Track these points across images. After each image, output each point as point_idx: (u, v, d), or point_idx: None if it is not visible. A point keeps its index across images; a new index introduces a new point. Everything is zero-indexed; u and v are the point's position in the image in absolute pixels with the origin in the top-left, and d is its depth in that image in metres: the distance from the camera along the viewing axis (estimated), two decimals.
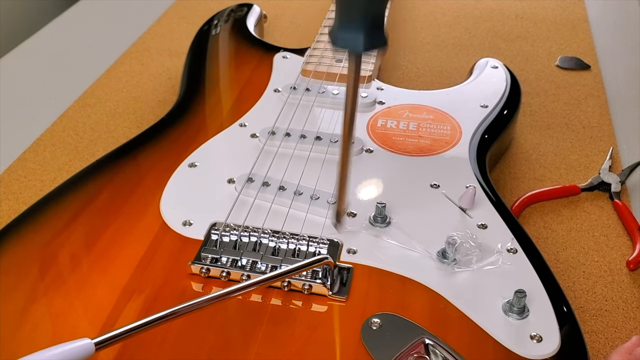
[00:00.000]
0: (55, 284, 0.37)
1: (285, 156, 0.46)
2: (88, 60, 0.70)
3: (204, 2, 0.82)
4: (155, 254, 0.39)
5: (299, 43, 0.66)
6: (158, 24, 0.78)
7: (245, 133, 0.49)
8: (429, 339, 0.33)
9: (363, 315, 0.35)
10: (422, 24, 0.78)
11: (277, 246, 0.39)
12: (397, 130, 0.49)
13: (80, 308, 0.35)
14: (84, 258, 0.38)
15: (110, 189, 0.44)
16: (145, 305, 0.35)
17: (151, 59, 0.70)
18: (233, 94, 0.55)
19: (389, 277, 0.37)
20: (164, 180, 0.44)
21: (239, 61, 0.60)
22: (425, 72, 0.68)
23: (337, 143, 0.47)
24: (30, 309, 0.35)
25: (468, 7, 0.81)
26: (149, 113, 0.60)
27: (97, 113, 0.60)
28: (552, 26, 0.76)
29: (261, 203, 0.42)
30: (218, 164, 0.46)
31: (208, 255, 0.38)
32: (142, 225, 0.41)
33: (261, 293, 0.36)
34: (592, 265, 0.45)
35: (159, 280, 0.37)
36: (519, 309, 0.35)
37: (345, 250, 0.39)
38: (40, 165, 0.54)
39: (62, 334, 0.34)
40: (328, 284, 0.36)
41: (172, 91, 0.63)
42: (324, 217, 0.41)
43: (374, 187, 0.44)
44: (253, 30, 0.65)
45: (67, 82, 0.66)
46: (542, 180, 0.52)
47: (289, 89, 0.54)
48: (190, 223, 0.41)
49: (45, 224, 0.41)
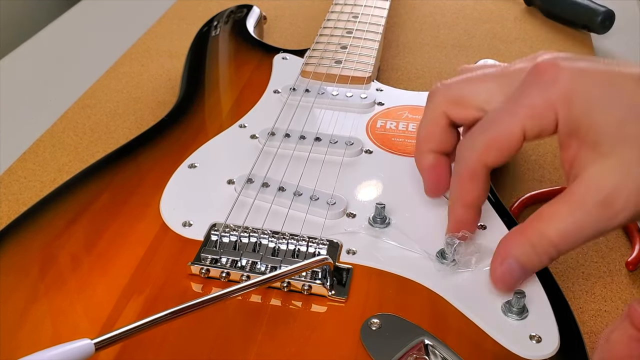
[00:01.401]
0: (55, 284, 0.37)
1: (285, 157, 0.46)
2: (88, 62, 0.70)
3: (204, 3, 0.82)
4: (155, 254, 0.39)
5: (298, 44, 0.66)
6: (158, 25, 0.78)
7: (245, 134, 0.49)
8: (428, 340, 0.33)
9: (362, 316, 0.35)
10: (421, 25, 0.78)
11: (276, 247, 0.39)
12: (397, 131, 0.49)
13: (80, 308, 0.35)
14: (84, 258, 0.38)
15: (110, 189, 0.44)
16: (145, 306, 0.35)
17: (151, 60, 0.70)
18: (233, 95, 0.55)
19: (389, 277, 0.37)
20: (164, 181, 0.44)
21: (239, 62, 0.60)
22: (424, 73, 0.68)
23: (336, 144, 0.47)
24: (30, 310, 0.35)
25: (467, 9, 0.81)
26: (149, 114, 0.61)
27: (97, 114, 0.61)
28: (550, 28, 0.77)
29: (261, 204, 0.42)
30: (218, 164, 0.46)
31: (208, 256, 0.38)
32: (142, 226, 0.41)
33: (261, 293, 0.36)
34: (591, 266, 0.45)
35: (159, 280, 0.37)
36: (519, 309, 0.35)
37: (345, 251, 0.39)
38: (40, 166, 0.54)
39: (62, 334, 0.34)
40: (328, 284, 0.36)
41: (172, 92, 0.64)
42: (323, 217, 0.41)
43: (373, 188, 0.44)
44: (253, 32, 0.65)
45: (67, 83, 0.66)
46: (542, 181, 0.52)
47: (288, 90, 0.54)
48: (190, 224, 0.41)
49: (45, 225, 0.41)
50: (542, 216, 0.33)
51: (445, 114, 0.39)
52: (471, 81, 0.38)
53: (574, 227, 0.32)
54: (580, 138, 0.32)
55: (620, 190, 0.31)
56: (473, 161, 0.36)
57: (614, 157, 0.31)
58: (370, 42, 0.60)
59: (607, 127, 0.31)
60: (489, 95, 0.37)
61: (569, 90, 0.32)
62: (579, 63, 0.33)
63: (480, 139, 0.35)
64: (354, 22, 0.63)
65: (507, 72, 0.37)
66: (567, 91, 0.32)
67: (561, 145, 0.34)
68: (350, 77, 0.55)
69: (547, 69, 0.33)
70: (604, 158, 0.31)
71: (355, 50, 0.58)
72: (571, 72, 0.33)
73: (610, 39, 0.74)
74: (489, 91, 0.37)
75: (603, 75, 0.32)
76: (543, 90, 0.33)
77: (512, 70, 0.37)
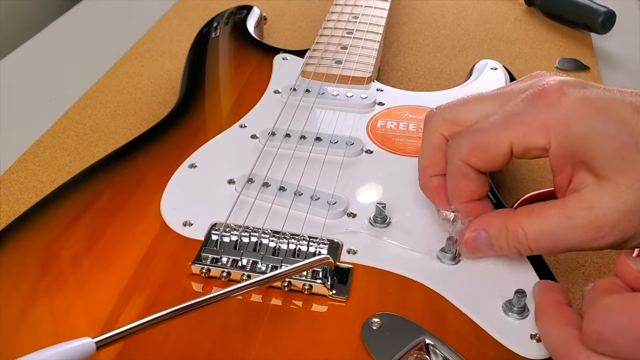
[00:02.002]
0: (56, 284, 0.37)
1: (285, 157, 0.46)
2: (88, 62, 0.70)
3: (204, 3, 0.82)
4: (156, 254, 0.39)
5: (298, 44, 0.66)
6: (158, 25, 0.78)
7: (246, 134, 0.49)
8: (429, 339, 0.33)
9: (363, 315, 0.35)
10: (421, 26, 0.78)
11: (277, 246, 0.39)
12: (397, 131, 0.49)
13: (80, 308, 0.35)
14: (84, 258, 0.38)
15: (111, 189, 0.44)
16: (145, 306, 0.35)
17: (151, 60, 0.70)
18: (233, 95, 0.55)
19: (389, 277, 0.37)
20: (165, 180, 0.44)
21: (239, 62, 0.60)
22: (424, 73, 0.68)
23: (337, 144, 0.47)
24: (31, 309, 0.35)
25: (467, 9, 0.81)
26: (150, 114, 0.61)
27: (98, 114, 0.61)
28: (550, 28, 0.77)
29: (261, 203, 0.42)
30: (218, 164, 0.46)
31: (208, 256, 0.38)
32: (142, 226, 0.41)
33: (261, 293, 0.36)
34: (591, 266, 0.45)
35: (160, 280, 0.37)
36: (519, 308, 0.35)
37: (346, 250, 0.39)
38: (41, 166, 0.54)
39: (62, 333, 0.34)
40: (328, 284, 0.36)
41: (172, 92, 0.64)
42: (324, 217, 0.41)
43: (373, 188, 0.44)
44: (253, 32, 0.66)
45: (67, 83, 0.66)
46: (542, 182, 0.52)
47: (289, 90, 0.54)
48: (190, 223, 0.41)
49: (45, 225, 0.41)
50: (532, 212, 0.34)
51: (444, 138, 0.38)
52: (467, 102, 0.38)
53: (553, 234, 0.33)
54: (577, 161, 0.33)
55: (611, 215, 0.32)
56: (457, 162, 0.37)
57: (611, 182, 0.32)
58: (370, 43, 0.60)
59: (605, 154, 0.32)
60: (485, 114, 0.37)
61: (567, 116, 0.33)
62: (583, 91, 0.33)
63: (464, 144, 0.36)
64: (354, 22, 0.63)
65: (504, 92, 0.37)
66: (565, 117, 0.33)
67: (555, 169, 0.35)
68: (350, 77, 0.55)
69: (552, 92, 0.33)
70: (601, 180, 0.32)
71: (356, 51, 0.58)
72: (574, 99, 0.33)
73: (611, 39, 0.74)
74: (485, 110, 0.37)
75: (604, 101, 0.33)
76: (540, 113, 0.34)
77: (508, 90, 0.37)
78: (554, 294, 0.33)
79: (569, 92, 0.33)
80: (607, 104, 0.33)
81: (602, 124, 0.32)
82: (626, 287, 0.30)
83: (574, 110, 0.33)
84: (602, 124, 0.32)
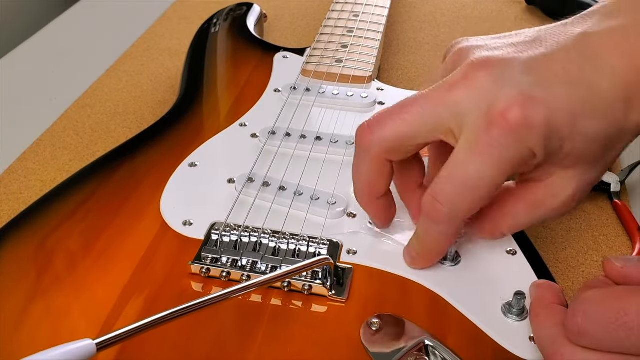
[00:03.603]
0: (55, 283, 0.37)
1: (286, 156, 0.46)
2: (88, 61, 0.70)
3: (204, 2, 0.82)
4: (156, 253, 0.39)
5: (299, 43, 0.66)
6: (158, 24, 0.78)
7: (246, 133, 0.49)
8: (428, 340, 0.33)
9: (363, 316, 0.35)
10: (421, 24, 0.78)
11: (277, 246, 0.39)
12: None
13: (80, 308, 0.35)
14: (84, 258, 0.38)
15: (111, 188, 0.44)
16: (145, 305, 0.36)
17: (151, 59, 0.70)
18: (233, 93, 0.55)
19: (389, 278, 0.37)
20: (164, 179, 0.44)
21: (239, 61, 0.60)
22: (424, 72, 0.68)
23: (337, 143, 0.47)
24: (30, 309, 0.35)
25: (468, 8, 0.81)
26: (149, 113, 0.60)
27: (97, 113, 0.61)
28: None
29: (261, 203, 0.42)
30: (218, 163, 0.46)
31: (208, 255, 0.38)
32: (142, 225, 0.41)
33: (261, 293, 0.36)
34: (591, 265, 0.45)
35: (159, 280, 0.37)
36: (519, 310, 0.35)
37: (345, 251, 0.39)
38: (41, 165, 0.54)
39: (62, 334, 0.34)
40: (328, 284, 0.36)
41: (172, 91, 0.64)
42: (324, 217, 0.41)
43: None
44: (253, 30, 0.65)
45: (67, 83, 0.66)
46: None
47: (289, 89, 0.54)
48: (190, 223, 0.41)
49: (44, 224, 0.41)
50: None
51: (388, 161, 0.36)
52: (403, 120, 0.34)
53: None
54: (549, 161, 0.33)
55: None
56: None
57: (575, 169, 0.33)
58: (371, 41, 0.60)
59: (579, 151, 0.32)
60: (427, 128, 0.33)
61: (546, 130, 0.31)
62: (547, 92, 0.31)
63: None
64: (355, 21, 0.63)
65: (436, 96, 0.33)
66: (545, 132, 0.31)
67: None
68: (351, 77, 0.55)
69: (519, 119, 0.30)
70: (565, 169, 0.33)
71: (356, 50, 0.58)
72: (545, 111, 0.30)
73: None
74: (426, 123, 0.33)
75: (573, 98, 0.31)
76: (520, 142, 0.31)
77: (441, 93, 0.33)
78: (547, 293, 0.33)
79: (535, 108, 0.31)
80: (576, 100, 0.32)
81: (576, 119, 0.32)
82: (613, 285, 0.31)
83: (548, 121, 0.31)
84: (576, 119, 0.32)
